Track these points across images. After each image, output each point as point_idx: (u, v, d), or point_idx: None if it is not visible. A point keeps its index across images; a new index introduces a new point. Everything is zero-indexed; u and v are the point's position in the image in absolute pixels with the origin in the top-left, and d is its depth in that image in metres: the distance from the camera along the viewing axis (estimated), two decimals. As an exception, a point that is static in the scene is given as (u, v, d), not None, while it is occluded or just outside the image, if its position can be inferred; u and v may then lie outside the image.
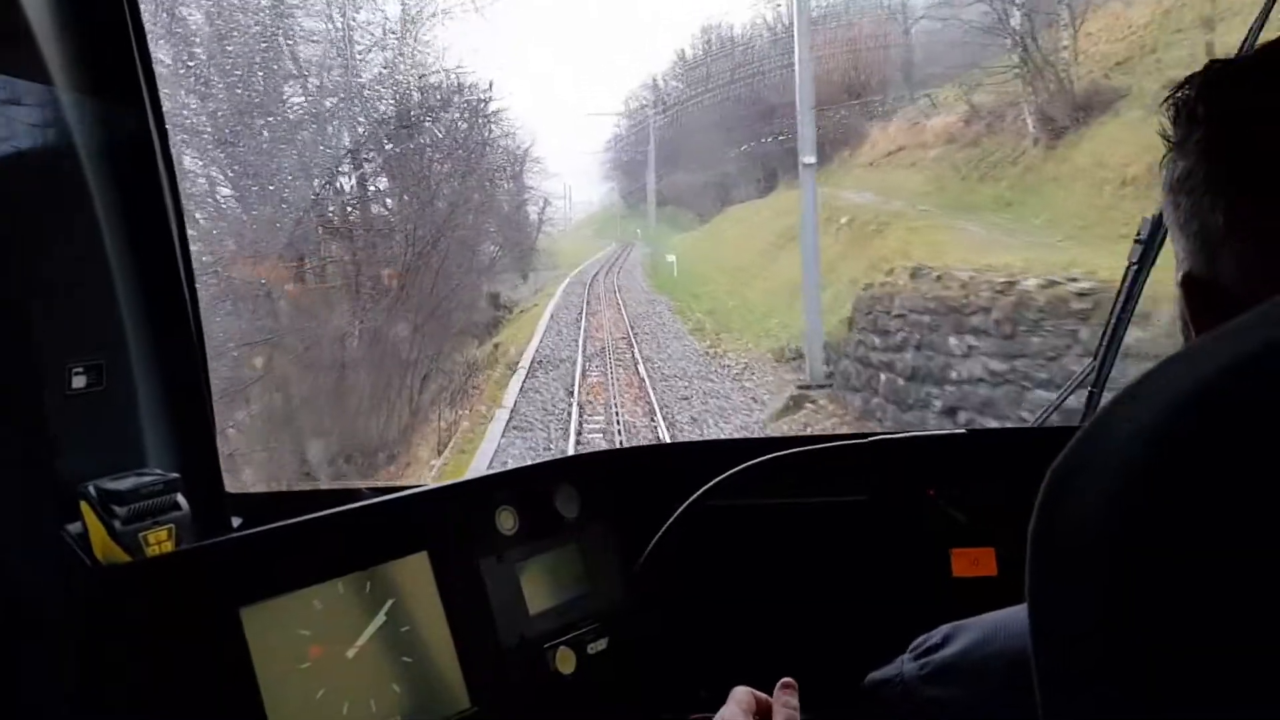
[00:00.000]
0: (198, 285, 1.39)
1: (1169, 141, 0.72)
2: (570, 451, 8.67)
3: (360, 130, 11.01)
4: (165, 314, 1.32)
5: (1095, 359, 1.73)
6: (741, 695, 1.02)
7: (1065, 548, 0.45)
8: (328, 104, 10.58)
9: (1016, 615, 0.82)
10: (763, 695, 1.02)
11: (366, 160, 11.32)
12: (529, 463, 1.57)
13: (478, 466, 8.90)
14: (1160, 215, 1.60)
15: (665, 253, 27.50)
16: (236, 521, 1.46)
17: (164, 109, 1.31)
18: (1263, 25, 1.43)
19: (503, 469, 1.53)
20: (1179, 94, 0.71)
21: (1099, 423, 0.45)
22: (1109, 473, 0.43)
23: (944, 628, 0.89)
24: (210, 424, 1.42)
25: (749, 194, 28.49)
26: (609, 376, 12.87)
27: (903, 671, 0.90)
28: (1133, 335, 1.76)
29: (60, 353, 1.18)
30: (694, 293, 20.89)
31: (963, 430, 1.56)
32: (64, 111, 1.16)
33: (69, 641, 1.07)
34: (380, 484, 1.63)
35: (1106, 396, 1.73)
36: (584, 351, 14.64)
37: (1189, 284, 0.70)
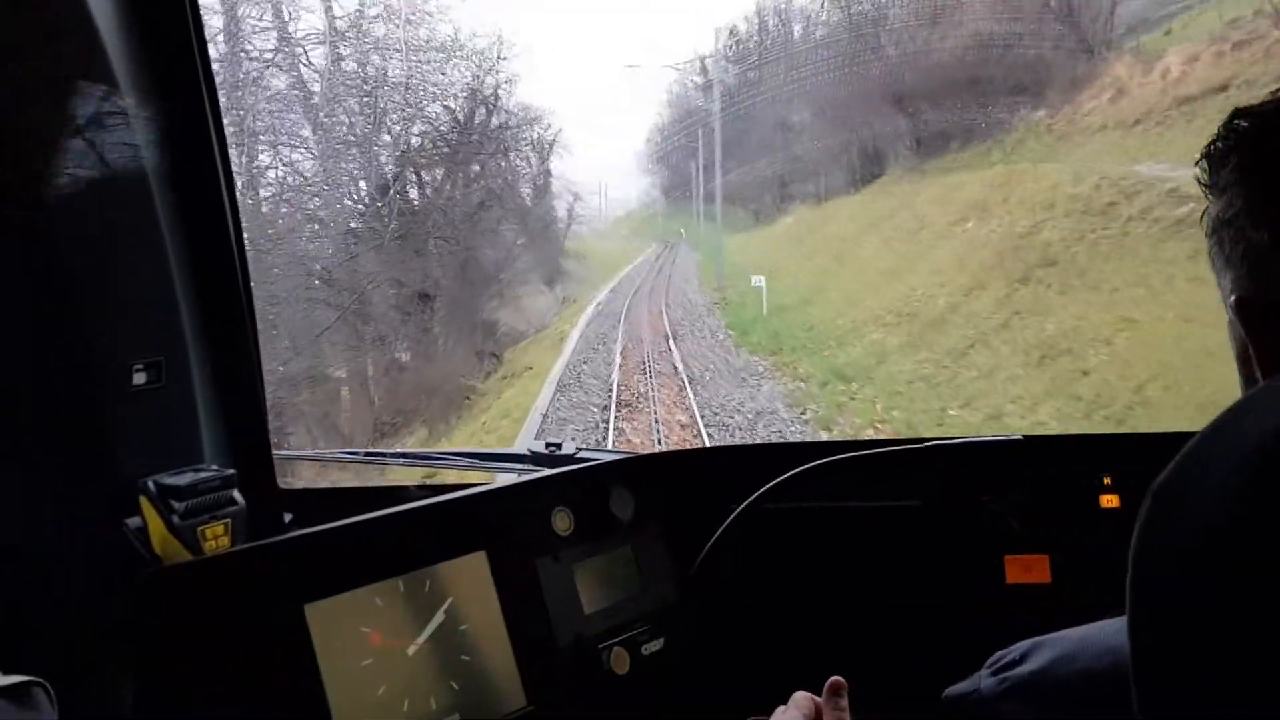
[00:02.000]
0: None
1: (1205, 187, 0.78)
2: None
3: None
4: (222, 313, 1.34)
5: None
6: (802, 700, 1.02)
7: (1173, 560, 0.45)
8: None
9: (1098, 632, 0.82)
10: (821, 700, 1.02)
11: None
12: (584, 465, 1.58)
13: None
14: None
15: (718, 258, 21.18)
16: (287, 517, 1.48)
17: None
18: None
19: (557, 471, 1.53)
20: (1213, 142, 0.77)
21: (1201, 445, 0.46)
22: (1216, 493, 0.44)
23: (1022, 644, 0.89)
24: (264, 421, 1.44)
25: (833, 187, 22.43)
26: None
27: (980, 687, 0.89)
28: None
29: (123, 350, 1.21)
30: (833, 367, 10.59)
31: (1018, 436, 1.54)
32: (127, 113, 1.18)
33: (132, 635, 1.09)
34: (430, 483, 1.65)
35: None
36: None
37: (1243, 306, 0.74)
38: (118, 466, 1.20)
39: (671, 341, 13.41)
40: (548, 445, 1.73)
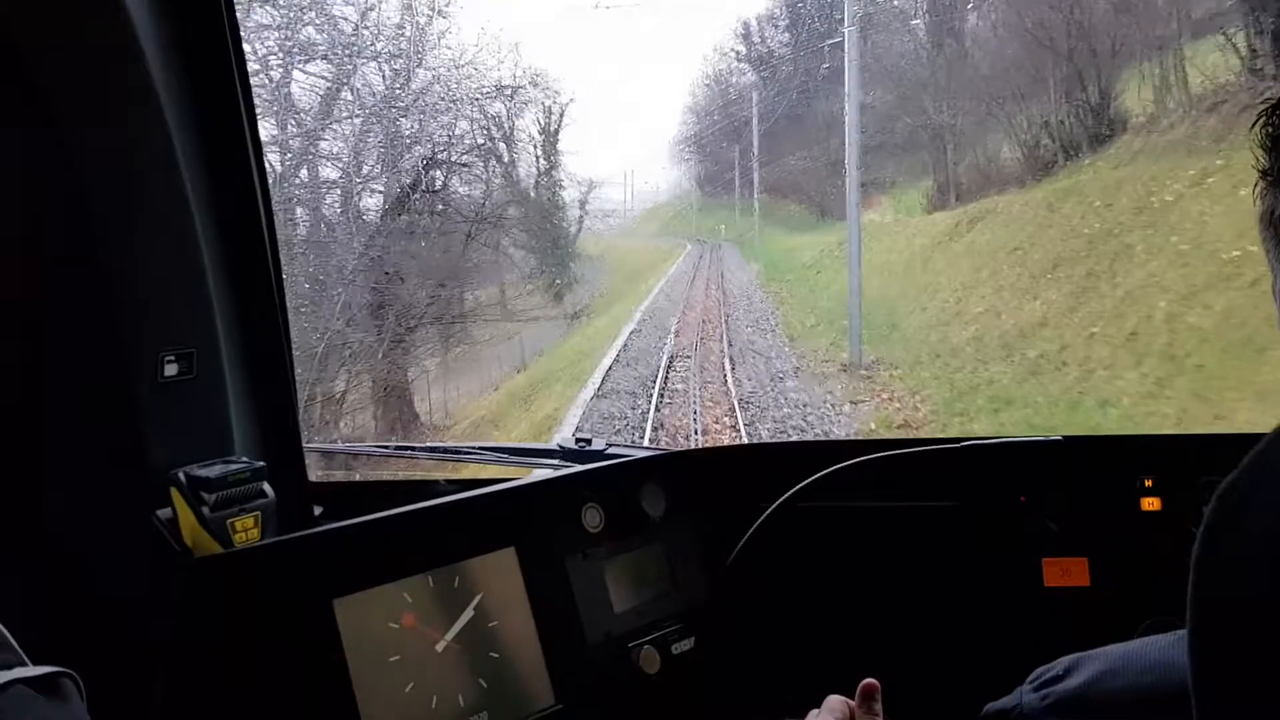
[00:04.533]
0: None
1: (1264, 174, 0.71)
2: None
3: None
4: (254, 305, 1.34)
5: None
6: (835, 704, 1.00)
7: (1240, 568, 0.43)
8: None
9: (1144, 648, 0.80)
10: (855, 704, 1.00)
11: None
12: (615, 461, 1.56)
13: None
14: None
15: (853, 313, 10.59)
16: (317, 510, 1.49)
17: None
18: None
19: (588, 467, 1.52)
20: (1271, 123, 0.70)
21: (1271, 449, 0.44)
22: None
23: (1064, 659, 0.87)
24: (295, 413, 1.44)
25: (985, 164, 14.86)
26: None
27: (1022, 703, 0.87)
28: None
29: (154, 341, 1.21)
30: None
31: (1058, 437, 1.50)
32: (159, 104, 1.18)
33: (163, 625, 1.09)
34: (458, 477, 1.65)
35: None
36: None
37: None
38: (148, 457, 1.20)
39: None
40: (578, 441, 1.72)
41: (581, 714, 1.28)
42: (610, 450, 1.67)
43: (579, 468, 1.52)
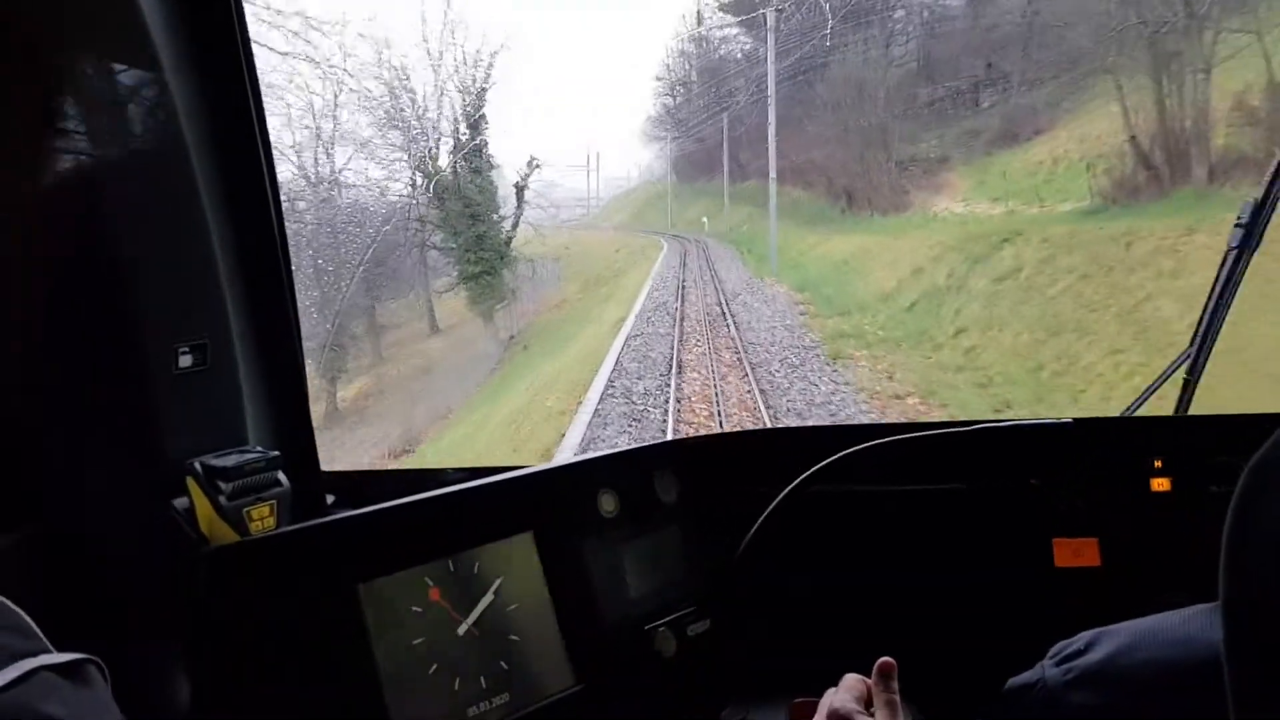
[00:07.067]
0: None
1: None
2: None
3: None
4: (264, 296, 1.35)
5: (1191, 346, 1.67)
6: (852, 682, 1.01)
7: (1269, 539, 0.43)
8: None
9: (1163, 622, 0.81)
10: (871, 682, 1.01)
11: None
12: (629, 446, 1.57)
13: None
14: (1264, 199, 1.57)
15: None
16: (329, 499, 1.50)
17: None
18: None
19: (601, 454, 1.54)
20: None
21: None
22: None
23: (1085, 634, 0.88)
24: (306, 403, 1.45)
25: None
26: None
27: (1045, 677, 0.88)
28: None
29: (168, 333, 1.21)
30: None
31: (1068, 420, 1.51)
32: (170, 99, 1.18)
33: (185, 614, 1.10)
34: (466, 466, 1.65)
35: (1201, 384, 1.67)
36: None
37: None
38: (164, 448, 1.21)
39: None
40: None
41: (600, 695, 1.30)
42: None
43: (594, 454, 1.53)
